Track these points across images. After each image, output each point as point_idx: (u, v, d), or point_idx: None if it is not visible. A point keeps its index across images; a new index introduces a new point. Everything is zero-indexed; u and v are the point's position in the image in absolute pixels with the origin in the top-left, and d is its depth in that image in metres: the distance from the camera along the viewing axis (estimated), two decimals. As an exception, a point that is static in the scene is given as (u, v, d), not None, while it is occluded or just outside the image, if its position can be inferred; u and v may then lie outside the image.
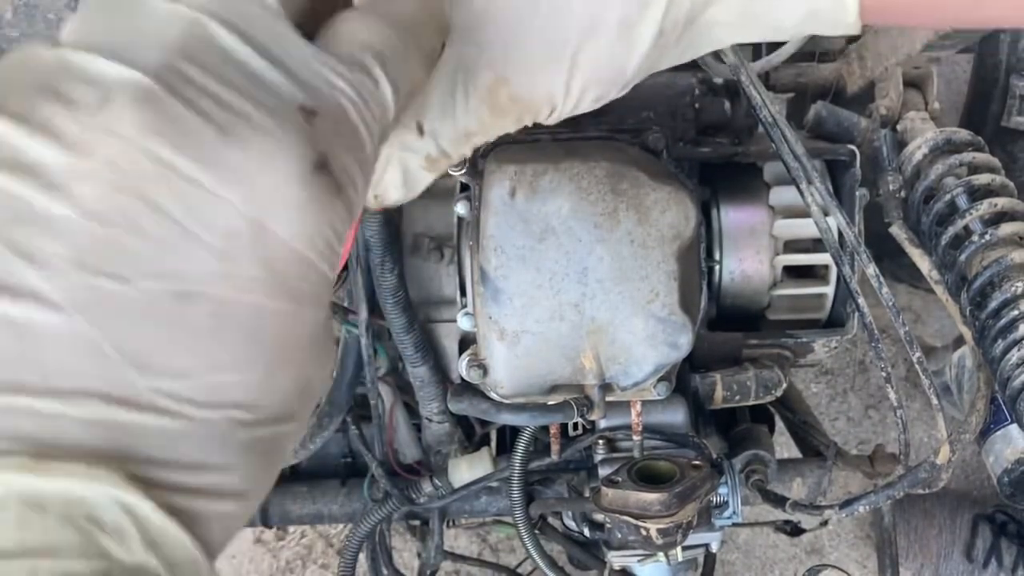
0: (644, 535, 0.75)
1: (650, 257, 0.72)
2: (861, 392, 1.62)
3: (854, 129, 0.89)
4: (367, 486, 0.99)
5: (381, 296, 0.81)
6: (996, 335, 0.76)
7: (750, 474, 0.92)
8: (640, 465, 0.80)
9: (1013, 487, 0.79)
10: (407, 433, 0.97)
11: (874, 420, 1.61)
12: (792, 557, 1.58)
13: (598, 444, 0.90)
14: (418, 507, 0.97)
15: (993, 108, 1.09)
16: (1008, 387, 0.74)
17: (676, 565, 0.90)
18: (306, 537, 1.61)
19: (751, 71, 0.64)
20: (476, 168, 0.76)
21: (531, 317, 0.73)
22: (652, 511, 0.75)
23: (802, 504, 0.86)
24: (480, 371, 0.76)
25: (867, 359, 1.61)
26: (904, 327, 0.73)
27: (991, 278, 0.77)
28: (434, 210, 0.88)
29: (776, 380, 0.88)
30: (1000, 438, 0.79)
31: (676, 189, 0.73)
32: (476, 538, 1.57)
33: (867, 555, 1.57)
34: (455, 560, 1.21)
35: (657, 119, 0.86)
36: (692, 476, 0.77)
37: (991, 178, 0.82)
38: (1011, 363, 0.74)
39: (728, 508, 0.87)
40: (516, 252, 0.72)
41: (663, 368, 0.75)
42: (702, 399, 0.89)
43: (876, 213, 0.86)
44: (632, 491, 0.76)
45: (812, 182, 0.67)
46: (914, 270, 0.83)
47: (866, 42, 0.98)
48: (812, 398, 1.61)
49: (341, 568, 1.00)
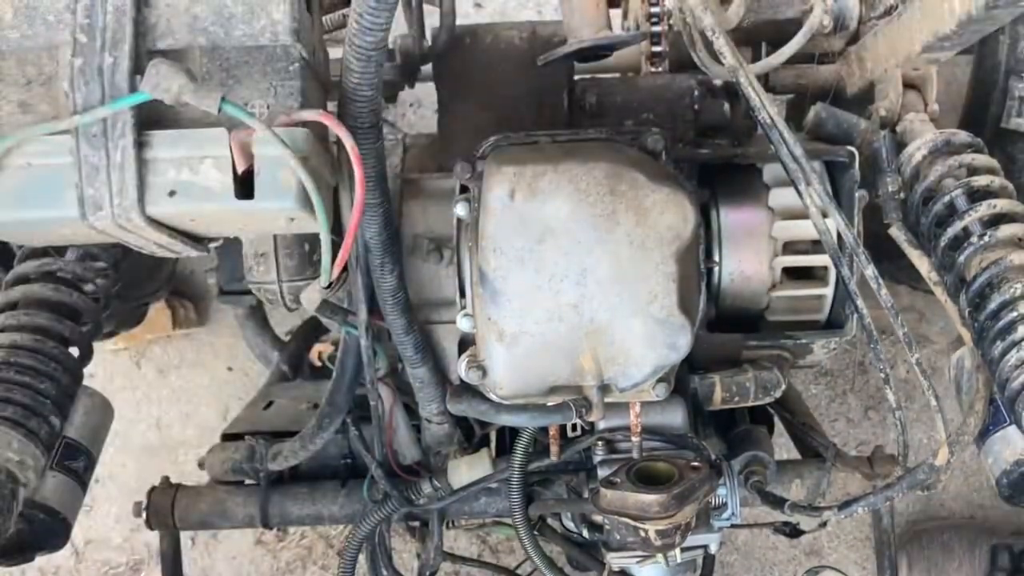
0: (643, 536, 0.75)
1: (649, 258, 0.72)
2: (860, 393, 1.62)
3: (853, 131, 0.89)
4: (367, 487, 0.99)
5: (381, 297, 0.81)
6: (995, 336, 0.76)
7: (749, 475, 0.92)
8: (639, 466, 0.80)
9: (1012, 488, 0.78)
10: (407, 434, 0.96)
11: (873, 421, 1.61)
12: (791, 558, 1.58)
13: (597, 445, 0.90)
14: (418, 508, 0.97)
15: (992, 110, 1.08)
16: (1007, 388, 0.74)
17: (675, 566, 0.90)
18: (306, 538, 1.60)
19: (750, 73, 0.64)
20: (476, 170, 0.77)
21: (530, 318, 0.73)
22: (651, 512, 0.75)
23: (801, 505, 0.86)
24: (479, 372, 0.76)
25: (866, 360, 1.61)
26: (903, 328, 0.73)
27: (990, 279, 0.77)
28: (433, 211, 0.88)
29: (775, 381, 0.88)
30: (999, 439, 0.78)
31: (675, 190, 0.73)
32: (476, 539, 1.57)
33: (866, 556, 1.56)
34: (455, 561, 1.21)
35: (656, 121, 0.86)
36: (691, 477, 0.77)
37: (990, 180, 0.82)
38: (1010, 364, 0.74)
39: (727, 509, 0.87)
40: (515, 253, 0.73)
41: (662, 369, 0.75)
42: (701, 400, 0.89)
43: (875, 214, 0.86)
44: (631, 492, 0.76)
45: (811, 183, 0.67)
46: (913, 271, 0.83)
47: (866, 44, 0.98)
48: (811, 399, 1.61)
49: (341, 569, 1.00)
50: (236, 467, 1.03)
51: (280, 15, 0.62)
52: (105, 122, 0.60)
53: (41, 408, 0.76)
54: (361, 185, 0.61)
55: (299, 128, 0.61)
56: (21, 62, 0.62)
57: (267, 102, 0.62)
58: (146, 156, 0.61)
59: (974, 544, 1.46)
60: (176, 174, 0.61)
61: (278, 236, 0.90)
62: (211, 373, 1.65)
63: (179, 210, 0.61)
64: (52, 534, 0.81)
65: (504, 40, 1.00)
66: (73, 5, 0.61)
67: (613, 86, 0.99)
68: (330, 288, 0.67)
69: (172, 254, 0.69)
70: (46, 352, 0.79)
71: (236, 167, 0.61)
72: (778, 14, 0.98)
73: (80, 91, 0.60)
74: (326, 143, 0.69)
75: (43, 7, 0.62)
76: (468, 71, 0.99)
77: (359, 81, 0.66)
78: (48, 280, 0.84)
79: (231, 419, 1.22)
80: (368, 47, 0.64)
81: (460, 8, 1.04)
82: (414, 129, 1.70)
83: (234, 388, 1.63)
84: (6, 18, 0.62)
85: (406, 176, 0.95)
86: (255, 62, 0.62)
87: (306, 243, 0.90)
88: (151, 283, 1.27)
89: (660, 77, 1.04)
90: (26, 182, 0.61)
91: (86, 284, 0.86)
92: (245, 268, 0.92)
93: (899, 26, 0.89)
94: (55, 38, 0.62)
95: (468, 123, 0.96)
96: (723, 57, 0.66)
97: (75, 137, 0.60)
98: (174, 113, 0.62)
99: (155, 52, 0.62)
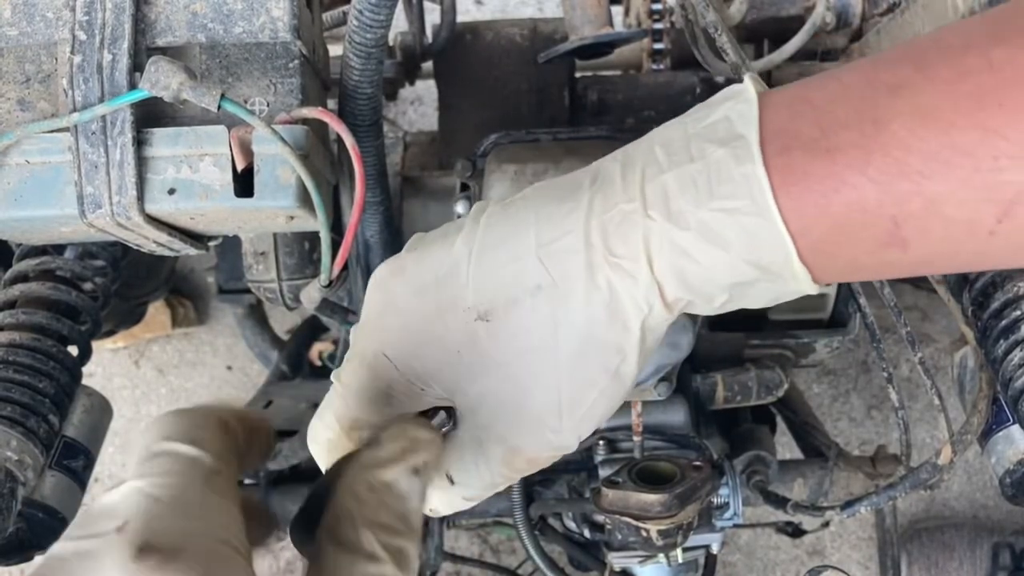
0: (645, 536, 0.75)
1: (651, 257, 0.72)
2: (863, 393, 1.61)
3: (856, 129, 0.88)
4: (367, 487, 0.98)
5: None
6: (998, 335, 0.75)
7: (751, 475, 0.91)
8: (641, 466, 0.80)
9: (1015, 488, 0.78)
10: (407, 433, 0.96)
11: (876, 421, 1.61)
12: (794, 558, 1.58)
13: (598, 445, 0.90)
14: (418, 508, 0.97)
15: (995, 108, 1.08)
16: (1010, 388, 0.73)
17: (677, 566, 0.90)
18: (306, 538, 1.60)
19: (753, 70, 0.63)
20: (476, 168, 0.76)
21: (531, 317, 0.73)
22: (653, 512, 0.74)
23: (803, 505, 0.86)
24: (480, 371, 0.76)
25: (869, 359, 1.60)
26: (906, 327, 0.73)
27: (993, 278, 0.77)
28: (434, 210, 0.88)
29: (778, 380, 0.88)
30: (1002, 439, 0.78)
31: (677, 188, 0.73)
32: (476, 539, 1.57)
33: (869, 556, 1.56)
34: (455, 561, 1.20)
35: (658, 118, 0.86)
36: (693, 477, 0.77)
37: (994, 178, 0.82)
38: (1013, 363, 0.73)
39: (729, 509, 0.87)
40: (516, 252, 0.72)
41: (664, 368, 0.75)
42: (703, 399, 0.88)
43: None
44: (633, 492, 0.75)
45: (814, 181, 0.67)
46: (916, 270, 0.83)
47: (868, 41, 0.97)
48: (814, 399, 1.60)
49: (341, 569, 0.99)
50: (236, 466, 1.03)
51: (280, 12, 0.62)
52: (104, 119, 0.60)
53: (40, 407, 0.76)
54: (361, 183, 0.60)
55: (299, 126, 0.60)
56: (20, 59, 0.62)
57: (267, 99, 0.62)
58: (145, 154, 0.60)
59: (975, 543, 1.46)
60: (175, 172, 0.61)
61: (278, 234, 0.89)
62: (210, 372, 1.64)
63: (178, 208, 0.61)
64: (51, 533, 0.81)
65: (505, 37, 1.00)
66: (72, 2, 0.61)
67: (615, 84, 0.99)
68: (330, 287, 0.66)
69: (171, 252, 0.69)
70: (45, 351, 0.79)
71: (236, 165, 0.60)
72: (781, 11, 0.98)
73: (79, 88, 0.60)
74: (326, 141, 0.69)
75: (42, 4, 0.62)
76: (469, 68, 0.99)
77: (359, 78, 0.66)
78: (47, 278, 0.84)
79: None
80: (368, 44, 0.63)
81: (461, 5, 1.03)
82: (415, 127, 1.70)
83: (234, 387, 1.63)
84: (5, 15, 0.62)
85: (407, 174, 0.95)
86: (255, 59, 0.62)
87: (306, 241, 0.90)
88: (150, 282, 1.27)
89: (662, 75, 1.03)
90: (24, 180, 0.61)
91: (85, 283, 0.86)
92: (244, 267, 0.92)
93: (902, 23, 0.89)
94: (54, 35, 0.61)
95: (469, 121, 0.96)
96: (725, 54, 0.66)
97: (74, 135, 0.60)
98: (173, 111, 0.61)
99: (154, 49, 0.62)
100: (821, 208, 0.40)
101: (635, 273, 0.43)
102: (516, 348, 0.45)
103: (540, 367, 0.45)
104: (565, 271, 0.44)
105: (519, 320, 0.45)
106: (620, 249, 0.43)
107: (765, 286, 0.44)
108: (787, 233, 0.41)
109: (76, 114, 0.59)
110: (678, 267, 0.43)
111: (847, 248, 0.41)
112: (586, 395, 0.45)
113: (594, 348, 0.44)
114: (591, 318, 0.44)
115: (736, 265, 0.42)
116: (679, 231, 0.42)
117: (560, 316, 0.44)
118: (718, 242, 0.42)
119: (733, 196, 0.41)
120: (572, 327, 0.44)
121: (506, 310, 0.45)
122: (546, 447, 0.47)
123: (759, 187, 0.40)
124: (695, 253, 0.42)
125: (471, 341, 0.46)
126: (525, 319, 0.45)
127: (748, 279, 0.43)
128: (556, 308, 0.44)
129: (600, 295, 0.44)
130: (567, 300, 0.44)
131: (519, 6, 1.74)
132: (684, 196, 0.42)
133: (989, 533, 1.47)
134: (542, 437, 0.46)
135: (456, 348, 0.46)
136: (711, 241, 0.42)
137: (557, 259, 0.44)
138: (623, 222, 0.43)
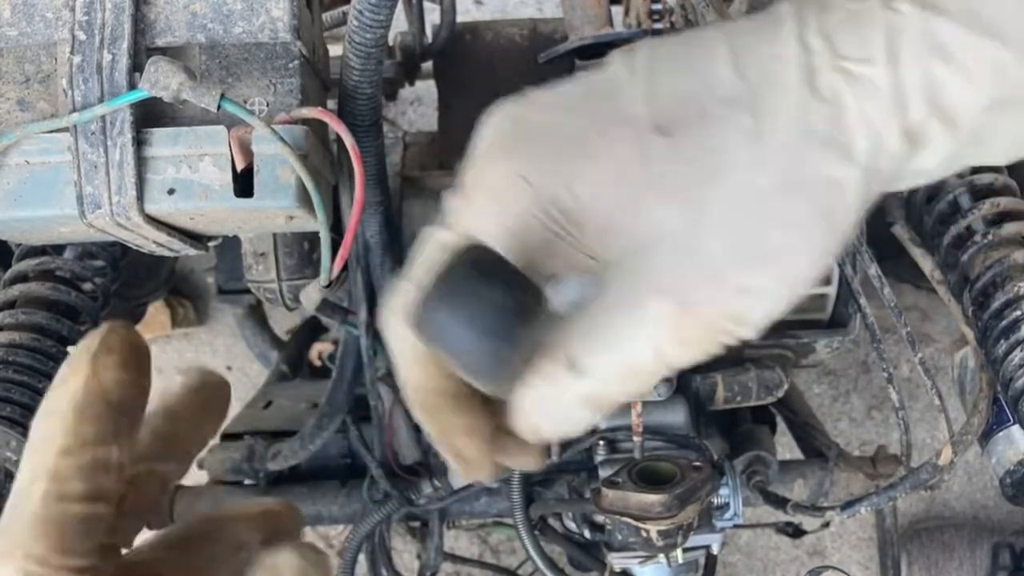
0: (645, 537, 0.75)
1: (651, 257, 0.72)
2: (864, 393, 1.61)
3: (856, 128, 0.88)
4: (367, 487, 0.98)
5: (381, 297, 0.81)
6: (999, 336, 0.75)
7: (751, 475, 0.91)
8: (641, 466, 0.80)
9: (1015, 489, 0.78)
10: (407, 434, 0.96)
11: (877, 421, 1.60)
12: (794, 559, 1.58)
13: (598, 445, 0.90)
14: (418, 508, 0.97)
15: (995, 108, 1.08)
16: (1011, 388, 0.73)
17: (677, 567, 0.89)
18: (306, 538, 1.60)
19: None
20: (476, 167, 0.76)
21: (531, 317, 0.73)
22: (653, 512, 0.74)
23: (804, 505, 0.86)
24: (480, 371, 0.76)
25: (869, 360, 1.60)
26: (906, 327, 0.73)
27: (993, 278, 0.77)
28: (434, 209, 0.87)
29: (778, 381, 0.88)
30: (1002, 439, 0.78)
31: (677, 189, 0.73)
32: (476, 539, 1.57)
33: (870, 556, 1.56)
34: (455, 561, 1.20)
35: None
36: (693, 477, 0.77)
37: (994, 177, 0.82)
38: (1014, 364, 0.73)
39: (729, 509, 0.86)
40: (516, 252, 0.72)
41: (664, 368, 0.75)
42: (703, 400, 0.88)
43: (878, 213, 0.85)
44: (633, 492, 0.75)
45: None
46: (916, 270, 0.83)
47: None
48: (814, 399, 1.60)
49: (341, 569, 0.99)
50: (235, 467, 1.03)
51: (280, 12, 0.62)
52: (104, 120, 0.60)
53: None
54: (361, 183, 0.60)
55: (299, 126, 0.60)
56: (19, 59, 0.62)
57: (266, 99, 0.62)
58: (145, 154, 0.60)
59: (975, 543, 1.46)
60: (175, 172, 0.60)
61: (277, 235, 0.89)
62: (211, 372, 1.64)
63: (178, 208, 0.61)
64: (51, 534, 0.81)
65: (505, 37, 1.00)
66: (72, 2, 0.61)
67: (614, 84, 0.99)
68: (330, 287, 0.66)
69: (171, 253, 0.69)
70: (44, 351, 0.79)
71: (235, 165, 0.60)
72: (780, 11, 0.98)
73: (79, 88, 0.60)
74: (326, 141, 0.69)
75: (42, 4, 0.62)
76: (469, 68, 0.99)
77: (359, 79, 0.66)
78: (46, 279, 0.84)
79: (230, 418, 1.21)
80: (368, 44, 0.63)
81: (461, 5, 1.03)
82: (414, 127, 1.70)
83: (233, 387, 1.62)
84: (4, 15, 0.62)
85: (406, 174, 0.95)
86: (254, 59, 0.62)
87: (306, 242, 0.90)
88: (150, 282, 1.27)
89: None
90: (24, 180, 0.61)
91: (84, 283, 0.86)
92: (244, 267, 0.92)
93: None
94: (54, 35, 0.61)
95: (469, 121, 0.96)
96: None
97: (73, 135, 0.60)
98: (173, 111, 0.61)
99: (154, 49, 0.62)
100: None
101: (875, 79, 0.34)
102: (703, 171, 0.36)
103: (730, 197, 0.36)
104: (773, 78, 0.35)
105: (708, 136, 0.36)
106: (852, 49, 0.34)
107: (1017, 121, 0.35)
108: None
109: (76, 114, 0.59)
110: (930, 73, 0.34)
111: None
112: (786, 240, 0.36)
113: (804, 179, 0.35)
114: (805, 136, 0.35)
115: (1007, 68, 0.33)
116: (938, 19, 0.33)
117: (766, 132, 0.35)
118: (992, 31, 0.33)
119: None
120: (778, 149, 0.35)
121: (693, 122, 0.36)
122: (725, 308, 0.36)
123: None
124: (958, 50, 0.33)
125: (643, 159, 0.37)
126: (715, 135, 0.36)
127: (1016, 97, 0.34)
128: (760, 121, 0.35)
129: (820, 109, 0.35)
130: (774, 114, 0.35)
131: (519, 6, 1.74)
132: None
133: (989, 533, 1.47)
134: (723, 290, 0.36)
135: (621, 168, 0.37)
136: (983, 31, 0.33)
137: (762, 66, 0.35)
138: (853, 20, 0.34)
